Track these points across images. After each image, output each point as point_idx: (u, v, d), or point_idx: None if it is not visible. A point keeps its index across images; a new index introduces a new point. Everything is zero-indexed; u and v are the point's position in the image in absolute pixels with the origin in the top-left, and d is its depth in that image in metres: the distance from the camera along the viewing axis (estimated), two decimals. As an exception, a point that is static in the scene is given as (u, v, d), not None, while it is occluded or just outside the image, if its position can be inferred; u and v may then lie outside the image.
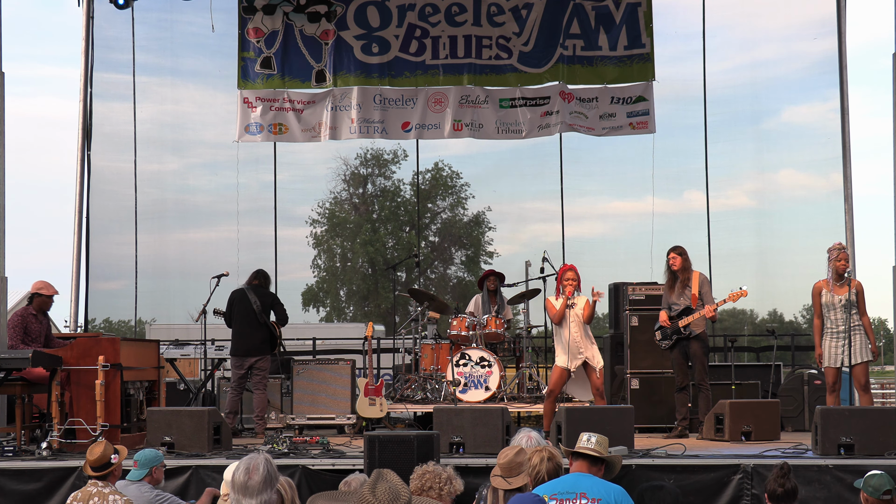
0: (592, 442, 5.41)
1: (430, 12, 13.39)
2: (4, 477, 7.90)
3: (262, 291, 10.59)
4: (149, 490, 6.52)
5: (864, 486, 5.54)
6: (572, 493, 5.12)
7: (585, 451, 5.41)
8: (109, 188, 13.89)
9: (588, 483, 5.19)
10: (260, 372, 10.44)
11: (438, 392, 11.26)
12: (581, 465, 5.41)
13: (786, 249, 14.06)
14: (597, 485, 5.19)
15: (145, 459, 6.61)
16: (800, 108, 14.82)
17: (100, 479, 6.17)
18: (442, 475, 4.90)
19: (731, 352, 12.73)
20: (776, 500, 5.37)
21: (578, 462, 5.43)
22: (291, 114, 13.39)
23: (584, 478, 5.26)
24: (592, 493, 5.11)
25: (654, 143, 13.52)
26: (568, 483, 5.22)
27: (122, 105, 13.91)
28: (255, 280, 10.65)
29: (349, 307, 37.69)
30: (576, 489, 5.14)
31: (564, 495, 5.11)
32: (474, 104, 13.34)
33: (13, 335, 9.10)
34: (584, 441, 5.43)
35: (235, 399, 10.43)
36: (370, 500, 3.76)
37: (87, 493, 6.08)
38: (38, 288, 9.34)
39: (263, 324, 10.41)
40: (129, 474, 6.60)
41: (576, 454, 5.46)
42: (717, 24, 13.84)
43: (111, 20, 13.65)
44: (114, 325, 22.82)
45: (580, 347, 9.39)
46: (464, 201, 36.73)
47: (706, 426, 9.69)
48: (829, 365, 9.25)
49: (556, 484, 5.22)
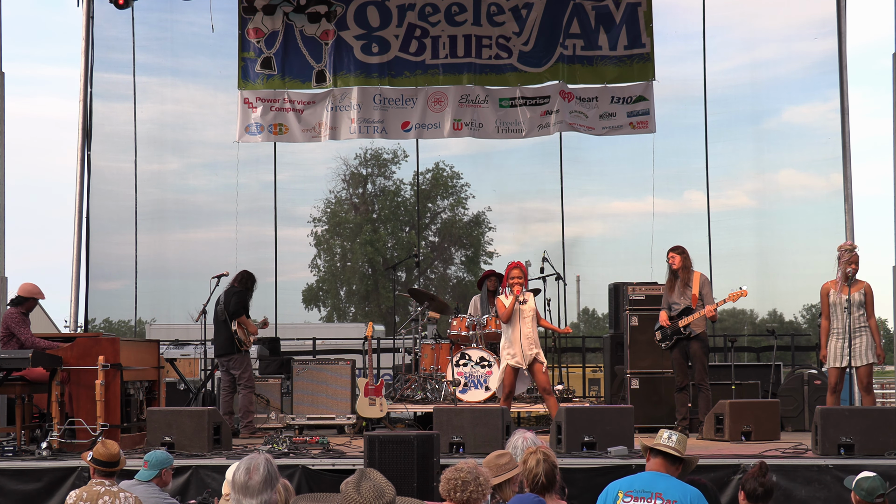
0: (673, 440, 5.19)
1: (430, 12, 13.39)
2: (4, 477, 7.91)
3: (232, 291, 10.70)
4: (157, 492, 6.39)
5: (857, 490, 5.48)
6: (648, 492, 4.98)
7: (665, 449, 5.19)
8: (110, 188, 13.89)
9: (665, 483, 5.03)
10: (235, 371, 10.56)
11: (438, 392, 11.26)
12: (658, 464, 5.19)
13: (786, 249, 14.06)
14: (673, 486, 5.03)
15: (156, 461, 6.45)
16: (800, 108, 14.83)
17: (105, 476, 6.12)
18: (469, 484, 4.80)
19: (731, 352, 12.72)
20: (755, 499, 5.25)
21: (656, 460, 5.21)
22: (291, 114, 13.39)
23: (661, 477, 5.09)
24: (668, 494, 4.97)
25: (654, 143, 13.54)
26: (645, 481, 5.06)
27: (123, 105, 13.92)
28: (234, 282, 10.84)
29: (349, 307, 37.72)
30: (652, 488, 4.99)
31: (640, 493, 4.98)
32: (474, 104, 13.34)
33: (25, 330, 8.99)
34: (665, 438, 5.20)
35: (226, 399, 10.63)
36: (355, 499, 3.76)
37: (95, 493, 5.93)
38: (33, 293, 9.24)
39: (223, 322, 10.54)
40: (138, 474, 6.47)
41: (654, 451, 5.24)
42: (717, 24, 13.85)
43: (111, 20, 13.64)
44: (114, 325, 22.84)
45: (532, 345, 9.49)
46: (464, 201, 36.77)
47: (706, 426, 9.69)
48: (832, 365, 9.25)
49: (632, 480, 5.08)
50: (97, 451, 6.22)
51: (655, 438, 5.24)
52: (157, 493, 6.39)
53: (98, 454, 6.19)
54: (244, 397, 10.50)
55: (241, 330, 10.55)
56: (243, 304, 10.66)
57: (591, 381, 16.30)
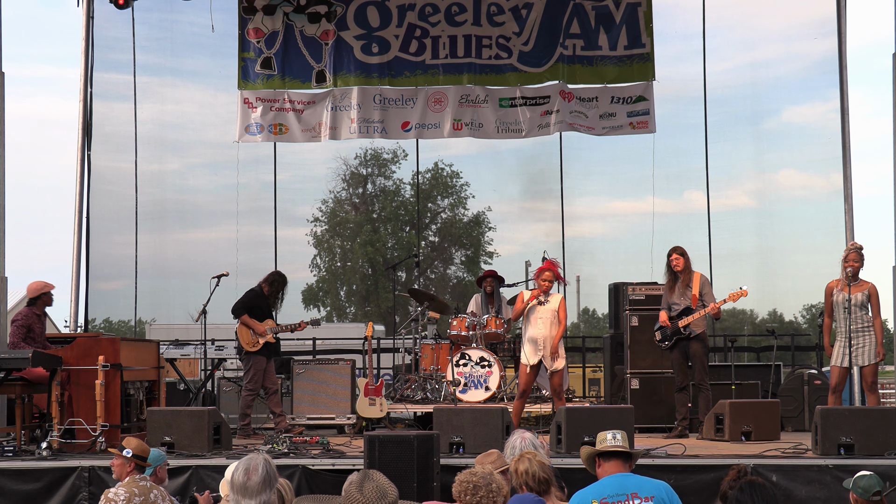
0: (619, 439, 5.16)
1: (430, 12, 13.39)
2: (4, 477, 7.90)
3: (248, 290, 10.65)
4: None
5: (854, 488, 5.50)
6: (622, 494, 4.91)
7: (619, 449, 5.14)
8: (110, 188, 13.89)
9: (635, 482, 4.99)
10: (243, 370, 10.49)
11: (438, 392, 11.27)
12: (617, 465, 5.13)
13: (786, 249, 14.06)
14: (644, 483, 5.00)
15: (152, 458, 6.47)
16: (800, 108, 14.83)
17: (141, 471, 6.07)
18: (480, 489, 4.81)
19: (731, 352, 12.72)
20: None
21: (612, 462, 5.15)
22: (291, 114, 13.40)
23: (629, 477, 5.05)
24: (644, 491, 4.92)
25: (654, 143, 13.54)
26: (615, 485, 4.98)
27: (123, 105, 13.92)
28: (261, 281, 10.72)
29: (349, 307, 37.72)
30: (625, 490, 4.93)
31: (615, 498, 4.90)
32: (474, 104, 13.34)
33: (16, 333, 9.08)
34: (611, 439, 5.17)
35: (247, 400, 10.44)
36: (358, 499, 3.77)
37: (144, 488, 5.77)
38: (40, 288, 9.31)
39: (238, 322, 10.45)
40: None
41: (607, 454, 5.18)
42: (717, 24, 13.85)
43: (111, 20, 13.65)
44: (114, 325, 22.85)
45: (540, 347, 9.52)
46: (464, 201, 36.79)
47: (706, 426, 9.68)
48: (834, 364, 9.25)
49: (601, 488, 5.00)
50: (137, 447, 6.16)
51: (600, 444, 5.20)
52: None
53: (139, 450, 6.15)
54: (242, 399, 10.44)
55: (243, 330, 10.36)
56: (244, 303, 10.45)
57: (591, 381, 16.29)
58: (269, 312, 10.58)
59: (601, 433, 5.24)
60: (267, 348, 10.39)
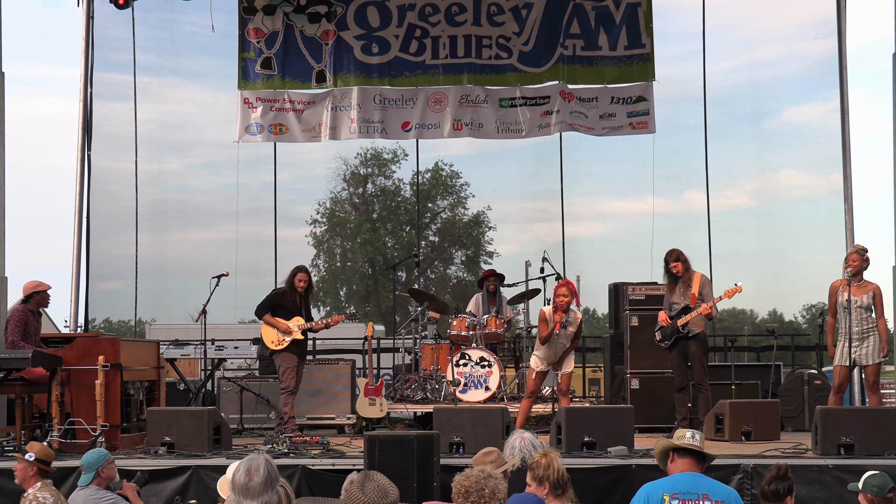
0: (697, 439, 5.07)
1: (430, 12, 13.40)
2: (4, 477, 7.90)
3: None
4: (94, 491, 6.49)
5: (866, 487, 5.47)
6: (694, 493, 4.87)
7: (696, 448, 5.06)
8: (110, 188, 13.89)
9: (708, 484, 4.94)
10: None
11: (438, 392, 11.27)
12: (689, 464, 5.04)
13: (786, 249, 14.05)
14: (716, 487, 4.95)
15: (88, 462, 6.55)
16: (800, 108, 14.83)
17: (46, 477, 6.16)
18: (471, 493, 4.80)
19: (731, 352, 12.72)
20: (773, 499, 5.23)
21: (684, 460, 5.06)
22: (292, 114, 13.40)
23: (702, 478, 4.99)
24: (715, 495, 4.88)
25: (654, 143, 13.55)
26: (688, 482, 4.94)
27: (123, 105, 13.92)
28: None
29: (349, 307, 37.71)
30: (697, 490, 4.89)
31: (686, 495, 4.87)
32: (474, 104, 13.35)
33: (14, 330, 9.07)
34: (689, 438, 5.07)
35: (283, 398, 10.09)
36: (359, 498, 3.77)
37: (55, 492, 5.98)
38: (33, 287, 9.30)
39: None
40: (79, 480, 6.61)
41: (681, 451, 5.08)
42: (717, 24, 13.85)
43: (111, 20, 13.65)
44: (114, 325, 22.82)
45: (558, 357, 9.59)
46: (464, 201, 36.80)
47: (706, 426, 9.68)
48: (837, 363, 9.26)
49: (673, 482, 4.97)
50: (40, 451, 6.28)
51: (677, 439, 5.11)
52: (95, 494, 6.48)
53: (42, 454, 6.24)
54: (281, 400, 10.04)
55: (267, 329, 10.06)
56: (265, 303, 10.15)
57: (591, 381, 16.29)
58: (297, 310, 10.15)
59: (680, 430, 5.18)
60: (296, 345, 10.02)
